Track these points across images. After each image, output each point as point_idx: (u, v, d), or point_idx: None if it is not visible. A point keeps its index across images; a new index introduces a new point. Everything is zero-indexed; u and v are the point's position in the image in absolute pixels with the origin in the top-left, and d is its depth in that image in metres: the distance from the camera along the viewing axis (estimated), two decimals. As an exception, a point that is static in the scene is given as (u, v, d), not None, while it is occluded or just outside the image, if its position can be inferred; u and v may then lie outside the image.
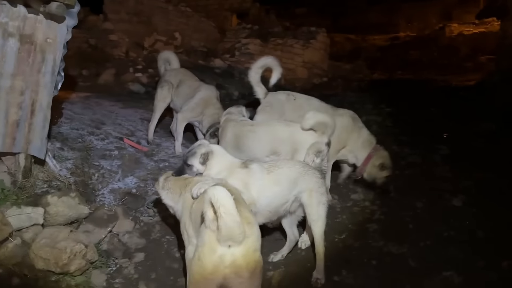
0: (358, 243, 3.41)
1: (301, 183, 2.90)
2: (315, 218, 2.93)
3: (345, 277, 2.99)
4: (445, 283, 2.89)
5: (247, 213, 2.12)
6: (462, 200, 4.06)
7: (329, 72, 11.57)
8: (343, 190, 4.39)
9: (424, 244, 3.37)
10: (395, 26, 20.32)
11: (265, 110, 4.13)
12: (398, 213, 3.89)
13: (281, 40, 10.55)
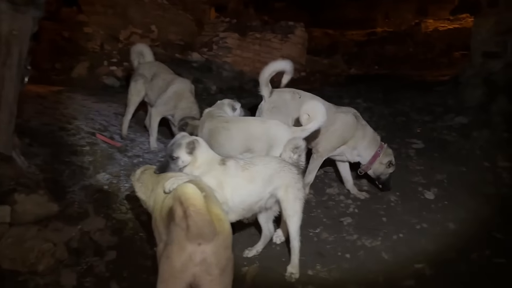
0: (332, 237, 3.43)
1: (277, 180, 2.88)
2: (291, 214, 2.92)
3: (319, 271, 3.00)
4: (417, 275, 2.93)
5: (218, 211, 2.09)
6: (434, 193, 4.14)
7: (307, 66, 11.60)
8: (319, 184, 4.40)
9: (397, 236, 3.43)
10: (372, 22, 20.50)
11: (271, 110, 4.03)
12: (372, 207, 3.94)
13: (260, 34, 10.50)
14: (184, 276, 1.91)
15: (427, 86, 9.59)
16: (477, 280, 2.88)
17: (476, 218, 3.69)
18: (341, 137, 4.04)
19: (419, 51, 14.95)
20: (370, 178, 4.29)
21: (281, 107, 4.02)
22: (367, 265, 3.06)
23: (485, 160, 4.70)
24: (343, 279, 2.92)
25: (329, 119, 3.89)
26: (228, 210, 2.75)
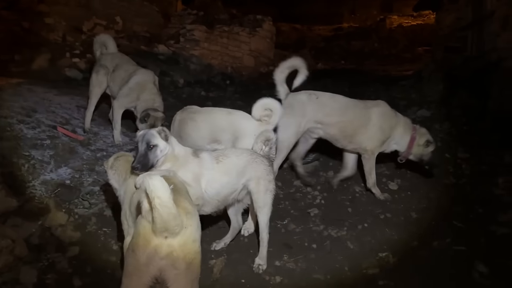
0: (299, 228, 3.47)
1: (249, 171, 2.88)
2: (261, 205, 2.92)
3: (287, 262, 3.02)
4: (381, 263, 3.01)
5: (187, 204, 2.06)
6: (398, 184, 4.26)
7: (275, 61, 11.61)
8: (287, 177, 4.43)
9: (362, 226, 3.50)
10: (339, 17, 20.84)
11: (286, 112, 3.90)
12: (337, 198, 4.00)
13: (227, 27, 10.43)
14: (149, 270, 1.87)
15: (392, 81, 9.83)
16: (438, 266, 2.97)
17: (438, 208, 3.82)
18: (382, 130, 3.99)
19: (384, 47, 15.35)
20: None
21: (296, 109, 3.98)
22: (333, 255, 3.11)
23: (446, 152, 4.87)
24: (310, 268, 2.95)
25: (362, 115, 3.99)
26: (204, 203, 2.73)
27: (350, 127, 3.98)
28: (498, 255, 3.08)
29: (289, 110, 3.95)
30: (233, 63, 10.33)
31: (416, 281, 2.81)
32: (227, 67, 10.13)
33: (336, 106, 4.03)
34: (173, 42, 9.93)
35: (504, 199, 3.89)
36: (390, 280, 2.82)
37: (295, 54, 13.97)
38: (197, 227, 2.03)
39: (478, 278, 2.82)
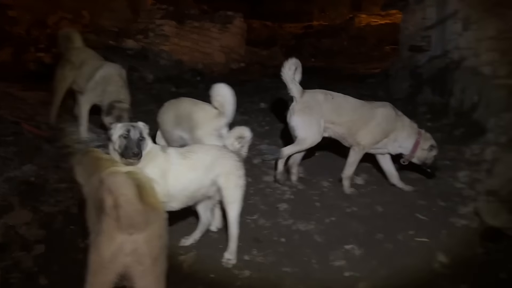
0: (269, 223, 3.51)
1: (217, 167, 2.90)
2: (231, 201, 2.95)
3: (256, 256, 3.06)
4: (347, 255, 3.09)
5: (152, 200, 2.06)
6: (364, 178, 4.38)
7: (246, 57, 11.66)
8: (257, 172, 4.47)
9: (329, 220, 3.58)
10: (309, 15, 21.02)
11: (304, 111, 3.99)
12: (306, 193, 4.07)
13: (198, 23, 10.38)
14: (114, 267, 1.86)
15: (360, 78, 10.07)
16: (402, 258, 3.08)
17: (402, 201, 3.95)
18: (382, 130, 4.08)
19: (353, 45, 15.60)
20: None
21: (314, 107, 4.00)
22: (301, 248, 3.17)
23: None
24: (278, 262, 3.00)
25: (367, 114, 4.08)
26: (171, 199, 2.74)
27: (356, 126, 4.08)
28: (458, 245, 3.23)
29: (308, 109, 4.00)
30: (203, 59, 10.27)
31: (380, 272, 2.90)
32: (198, 63, 10.07)
33: (348, 107, 4.12)
34: (142, 37, 9.78)
35: (465, 193, 4.07)
36: (355, 271, 2.90)
37: (266, 51, 14.06)
38: (162, 223, 2.03)
39: (438, 268, 2.95)
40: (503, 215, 3.32)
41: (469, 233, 3.41)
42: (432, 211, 3.76)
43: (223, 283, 2.75)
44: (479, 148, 4.62)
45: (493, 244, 3.20)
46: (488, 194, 3.90)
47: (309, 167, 4.62)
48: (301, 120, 4.02)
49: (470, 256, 3.09)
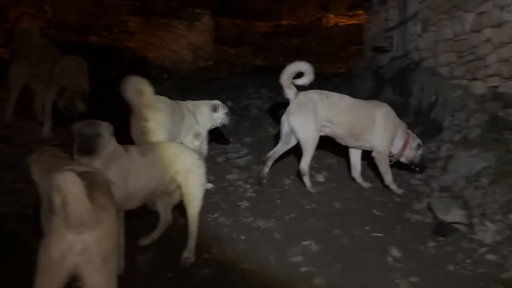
0: (229, 221, 3.53)
1: (176, 164, 2.90)
2: (191, 199, 2.96)
3: (215, 254, 3.08)
4: (304, 251, 3.15)
5: (103, 199, 2.03)
6: (325, 176, 4.47)
7: (214, 55, 11.63)
8: (220, 171, 4.48)
9: (289, 217, 3.64)
10: (278, 14, 21.15)
11: (299, 109, 4.08)
12: (268, 191, 4.12)
13: (165, 20, 10.26)
14: (63, 266, 1.83)
15: (325, 78, 10.19)
16: (357, 252, 3.17)
17: (360, 197, 4.06)
18: (390, 131, 4.20)
19: (320, 45, 15.84)
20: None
21: (309, 105, 4.08)
22: (260, 245, 3.21)
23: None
24: (237, 259, 3.02)
25: (368, 116, 4.18)
26: (131, 198, 2.72)
27: (358, 127, 4.18)
28: (411, 240, 3.36)
29: (303, 108, 4.09)
30: (170, 56, 10.17)
31: (336, 266, 2.98)
32: (165, 60, 9.96)
33: (344, 106, 4.21)
34: (107, 33, 9.58)
35: (420, 189, 4.23)
36: (312, 267, 2.96)
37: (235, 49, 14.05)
38: (113, 222, 2.01)
39: (391, 261, 3.05)
40: (454, 210, 3.46)
41: (422, 228, 3.55)
42: (388, 207, 3.88)
43: (180, 281, 2.75)
44: (435, 146, 4.80)
45: (444, 238, 3.34)
46: (441, 190, 4.07)
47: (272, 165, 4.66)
48: (299, 120, 4.10)
49: (422, 250, 3.22)
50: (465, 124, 4.61)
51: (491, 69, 4.79)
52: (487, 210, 3.41)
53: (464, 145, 4.22)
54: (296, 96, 4.14)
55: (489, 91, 4.82)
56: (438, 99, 5.57)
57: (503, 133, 4.01)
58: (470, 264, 2.98)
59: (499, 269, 2.85)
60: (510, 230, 3.07)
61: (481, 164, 3.92)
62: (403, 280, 2.80)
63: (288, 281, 2.81)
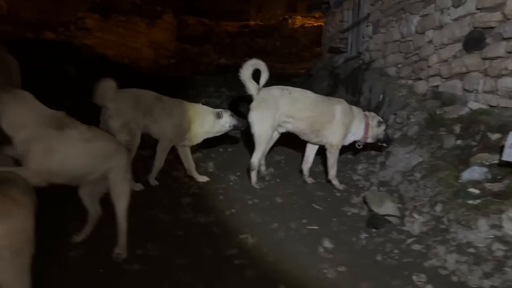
0: (168, 217, 3.55)
1: (113, 159, 2.87)
2: (120, 194, 2.94)
3: (150, 250, 3.08)
4: (240, 244, 3.21)
5: (15, 193, 2.01)
6: (270, 172, 4.56)
7: (177, 54, 11.59)
8: (166, 168, 4.48)
9: (230, 212, 3.69)
10: (246, 14, 21.25)
11: (261, 106, 4.14)
12: (212, 187, 4.17)
13: (124, 17, 10.14)
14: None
15: (286, 77, 10.36)
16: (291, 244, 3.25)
17: (301, 192, 4.17)
18: (344, 125, 4.36)
19: (285, 45, 16.05)
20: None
21: (270, 101, 4.15)
22: (197, 240, 3.24)
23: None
24: (172, 254, 3.04)
25: (327, 111, 4.31)
26: (57, 174, 2.63)
27: (318, 122, 4.29)
28: (344, 232, 3.47)
29: (264, 104, 4.15)
30: (130, 54, 10.06)
31: (269, 258, 3.05)
32: (124, 58, 9.84)
33: (307, 102, 4.30)
34: (63, 29, 9.38)
35: (360, 184, 4.38)
36: (245, 259, 3.02)
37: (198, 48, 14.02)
38: (27, 218, 2.00)
39: (322, 252, 3.15)
40: (386, 203, 3.60)
41: (357, 220, 3.68)
42: (327, 201, 4.00)
43: (110, 277, 2.74)
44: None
45: (376, 230, 3.48)
46: (380, 184, 4.23)
47: (220, 162, 4.73)
48: (257, 116, 4.16)
49: (354, 241, 3.33)
50: (406, 122, 4.80)
51: (433, 70, 5.01)
52: (418, 203, 3.58)
53: (402, 142, 4.40)
54: (258, 92, 4.21)
55: (430, 90, 5.04)
56: (385, 98, 5.77)
57: (438, 130, 4.20)
58: (397, 254, 3.11)
59: (423, 258, 2.99)
60: (436, 221, 3.23)
61: (416, 159, 4.10)
62: (331, 270, 2.90)
63: (220, 273, 2.86)
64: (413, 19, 5.56)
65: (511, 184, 3.04)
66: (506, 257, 2.65)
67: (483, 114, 3.98)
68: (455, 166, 3.56)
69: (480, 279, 2.64)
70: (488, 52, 4.02)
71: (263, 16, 20.94)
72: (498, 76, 3.87)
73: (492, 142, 3.62)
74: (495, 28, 3.97)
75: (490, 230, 2.84)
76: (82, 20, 9.33)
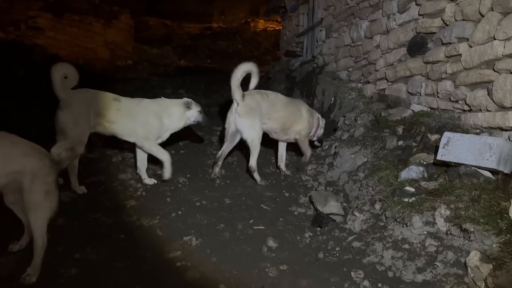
0: (110, 220, 3.47)
1: (17, 163, 2.61)
2: (32, 207, 2.63)
3: (88, 254, 3.00)
4: (183, 246, 3.18)
5: None
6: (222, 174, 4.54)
7: (134, 55, 11.38)
8: (112, 170, 4.40)
9: (176, 214, 3.65)
10: (209, 17, 21.20)
11: (249, 113, 4.27)
12: (160, 189, 4.11)
13: (78, 16, 9.85)
14: None
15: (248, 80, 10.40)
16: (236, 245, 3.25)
17: (250, 193, 4.18)
18: (308, 123, 4.84)
19: (247, 48, 16.11)
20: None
21: (256, 107, 4.34)
22: (139, 243, 3.19)
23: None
24: (111, 258, 2.96)
25: (295, 111, 4.70)
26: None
27: (288, 121, 4.65)
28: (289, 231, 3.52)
29: (252, 111, 4.30)
30: (85, 54, 9.79)
31: (211, 259, 3.04)
32: (78, 58, 9.56)
33: (280, 103, 4.62)
34: (13, 29, 9.01)
35: (309, 184, 4.45)
36: (188, 261, 3.00)
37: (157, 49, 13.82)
38: None
39: (266, 252, 3.17)
40: (331, 202, 3.68)
41: (303, 219, 3.73)
42: (276, 201, 4.04)
43: (44, 281, 2.65)
44: (328, 145, 5.08)
45: (320, 229, 3.54)
46: (328, 185, 4.32)
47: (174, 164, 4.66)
48: (248, 122, 4.29)
49: (298, 240, 3.38)
50: (354, 123, 4.93)
51: (380, 73, 5.18)
52: (361, 201, 3.68)
53: (349, 143, 4.51)
54: (243, 98, 4.29)
55: (376, 93, 5.20)
56: (336, 101, 5.90)
57: (382, 132, 4.34)
58: (338, 251, 3.18)
59: (362, 254, 3.07)
60: (375, 219, 3.33)
61: (361, 160, 4.22)
62: (272, 268, 2.93)
63: (159, 276, 2.82)
64: (362, 24, 5.73)
65: (444, 182, 3.17)
66: (437, 252, 2.76)
67: (424, 116, 4.15)
68: (395, 165, 3.68)
69: (414, 274, 2.74)
70: (429, 56, 4.20)
71: (225, 19, 20.96)
72: (438, 79, 4.06)
73: (431, 143, 3.78)
74: (436, 34, 4.16)
75: (424, 227, 2.95)
76: (33, 19, 8.99)
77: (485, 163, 2.98)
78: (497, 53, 3.25)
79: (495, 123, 3.28)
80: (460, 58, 3.68)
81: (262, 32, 17.99)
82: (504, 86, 3.15)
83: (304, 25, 8.04)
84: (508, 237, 2.50)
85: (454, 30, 3.78)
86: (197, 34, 17.74)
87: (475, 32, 3.50)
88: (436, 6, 4.08)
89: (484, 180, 2.97)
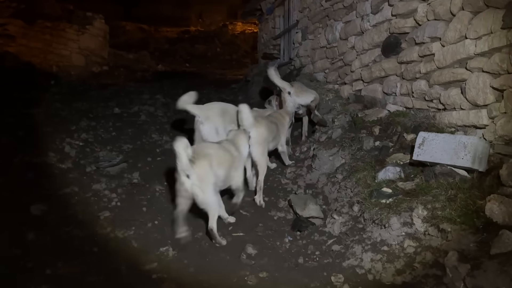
0: (83, 233, 3.35)
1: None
2: None
3: (60, 269, 2.88)
4: (160, 258, 3.10)
5: None
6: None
7: (110, 60, 11.19)
8: (86, 181, 4.26)
9: (152, 224, 3.56)
10: (187, 20, 21.04)
11: (262, 144, 4.06)
12: (135, 198, 4.01)
13: (51, 23, 9.62)
14: None
15: (225, 83, 10.37)
16: (215, 253, 3.19)
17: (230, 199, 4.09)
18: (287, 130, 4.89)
19: (226, 51, 16.04)
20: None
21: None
22: (113, 256, 3.08)
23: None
24: (84, 272, 2.86)
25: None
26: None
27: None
28: (269, 237, 3.46)
29: (264, 142, 4.15)
30: (59, 61, 9.57)
31: (189, 269, 2.96)
32: (52, 66, 9.34)
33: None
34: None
35: (288, 187, 4.41)
36: (164, 273, 2.91)
37: (134, 54, 13.60)
38: None
39: (245, 259, 3.10)
40: (310, 205, 3.64)
41: (283, 224, 3.69)
42: (255, 206, 3.97)
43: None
44: (307, 147, 5.05)
45: (300, 233, 3.50)
46: (307, 187, 4.29)
47: (146, 172, 4.57)
48: (260, 152, 4.06)
49: (277, 245, 3.33)
50: (331, 125, 4.92)
51: (356, 74, 5.19)
52: (339, 203, 3.66)
53: (327, 145, 4.50)
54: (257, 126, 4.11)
55: (352, 94, 5.21)
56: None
57: (359, 133, 4.34)
58: (318, 256, 3.14)
59: (341, 258, 3.03)
60: (354, 221, 3.30)
61: (339, 161, 4.21)
62: (252, 276, 2.87)
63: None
64: (337, 26, 5.75)
65: (421, 182, 3.17)
66: (416, 253, 2.74)
67: (400, 116, 4.17)
68: (372, 166, 3.68)
69: (393, 276, 2.71)
70: (403, 56, 4.22)
71: (203, 22, 20.84)
72: (413, 79, 4.07)
73: (407, 143, 3.79)
74: (409, 34, 4.17)
75: (402, 228, 2.94)
76: (3, 26, 8.73)
77: (460, 162, 2.99)
78: (469, 52, 3.27)
79: (469, 121, 3.30)
80: (433, 57, 3.70)
81: (240, 34, 17.95)
82: (476, 85, 3.18)
83: (281, 27, 8.03)
84: (484, 236, 2.50)
85: (427, 30, 3.80)
86: (175, 38, 17.58)
87: (447, 31, 3.52)
88: (408, 6, 4.11)
89: (459, 179, 2.98)
